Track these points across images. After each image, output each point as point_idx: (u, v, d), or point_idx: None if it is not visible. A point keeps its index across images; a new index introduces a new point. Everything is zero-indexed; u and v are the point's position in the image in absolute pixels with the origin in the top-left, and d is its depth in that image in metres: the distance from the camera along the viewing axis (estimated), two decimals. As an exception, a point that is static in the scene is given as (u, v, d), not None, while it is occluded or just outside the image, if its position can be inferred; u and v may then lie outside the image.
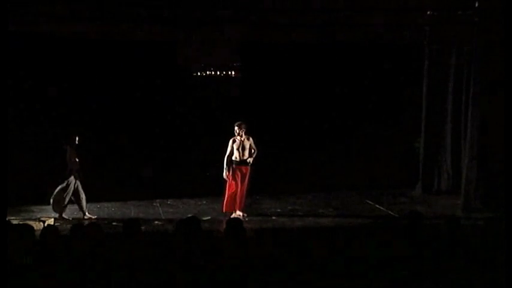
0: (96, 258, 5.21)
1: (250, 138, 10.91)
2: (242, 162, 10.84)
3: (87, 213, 10.93)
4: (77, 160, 10.77)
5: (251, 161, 10.84)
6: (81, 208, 10.88)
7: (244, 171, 10.89)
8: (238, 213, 10.80)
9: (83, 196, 10.83)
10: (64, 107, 12.94)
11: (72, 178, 10.74)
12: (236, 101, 14.26)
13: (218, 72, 15.19)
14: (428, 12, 12.31)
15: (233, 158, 10.85)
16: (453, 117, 12.87)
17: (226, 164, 10.84)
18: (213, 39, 13.56)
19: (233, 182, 10.88)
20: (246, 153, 10.84)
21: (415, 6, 12.06)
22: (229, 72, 15.25)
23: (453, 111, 12.87)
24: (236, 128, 10.83)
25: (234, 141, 10.85)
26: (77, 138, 10.76)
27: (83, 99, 13.04)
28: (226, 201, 10.95)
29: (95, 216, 10.89)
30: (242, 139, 10.83)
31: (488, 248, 5.60)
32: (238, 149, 10.82)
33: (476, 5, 11.43)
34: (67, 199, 10.79)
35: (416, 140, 13.62)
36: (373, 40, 13.51)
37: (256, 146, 10.94)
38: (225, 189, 10.96)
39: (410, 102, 13.75)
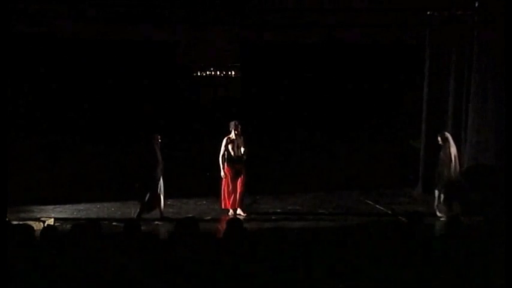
0: (95, 259, 5.22)
1: (242, 137, 11.04)
2: (238, 159, 10.96)
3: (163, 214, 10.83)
4: (161, 159, 10.75)
5: (245, 158, 10.95)
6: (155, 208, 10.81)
7: (240, 168, 11.00)
8: (239, 212, 10.92)
9: (161, 196, 10.81)
10: (64, 107, 12.94)
11: (158, 177, 10.72)
12: (236, 101, 14.26)
13: (218, 72, 15.20)
14: (428, 12, 12.31)
15: (228, 156, 10.97)
16: (453, 117, 12.86)
17: (222, 163, 10.95)
18: (213, 39, 13.59)
19: (230, 180, 11.00)
20: (241, 151, 10.98)
21: (415, 6, 12.06)
22: (229, 72, 15.26)
23: (453, 111, 12.86)
24: (233, 126, 10.94)
25: (228, 140, 10.97)
26: (159, 138, 10.73)
27: (83, 99, 13.03)
28: (224, 198, 11.13)
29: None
30: (236, 137, 10.96)
31: (487, 247, 5.59)
32: (233, 148, 10.94)
33: (476, 5, 11.43)
34: (161, 197, 10.77)
35: (414, 139, 13.60)
36: (373, 40, 13.54)
37: (254, 145, 11.06)
38: (221, 187, 11.08)
39: (411, 102, 13.74)
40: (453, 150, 10.73)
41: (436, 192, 10.91)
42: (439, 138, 10.88)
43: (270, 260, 5.31)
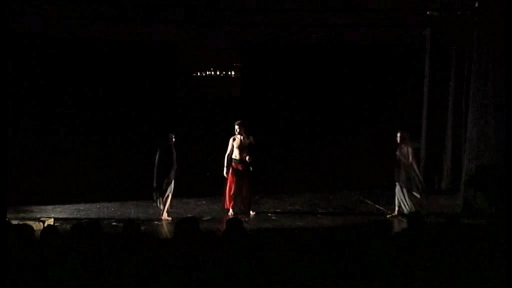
0: (96, 258, 5.21)
1: (251, 137, 11.02)
2: (242, 160, 10.96)
3: (164, 214, 10.81)
4: (174, 158, 10.73)
5: (249, 159, 10.93)
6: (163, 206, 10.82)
7: (244, 169, 10.99)
8: (251, 213, 11.11)
9: (169, 197, 10.80)
10: (64, 108, 12.93)
11: (171, 179, 10.71)
12: (236, 101, 14.25)
13: (218, 72, 15.20)
14: (428, 12, 12.31)
15: (233, 156, 10.97)
16: (453, 117, 12.87)
17: (227, 163, 10.96)
18: (213, 40, 13.59)
19: (233, 181, 11.00)
20: (246, 151, 10.94)
21: (415, 6, 12.06)
22: (229, 72, 15.26)
23: (453, 111, 12.86)
24: (236, 127, 10.95)
25: (234, 140, 10.96)
26: (173, 137, 10.73)
27: (83, 99, 13.03)
28: (227, 199, 11.15)
29: (171, 218, 10.75)
30: (242, 138, 10.94)
31: (488, 248, 5.59)
32: (238, 148, 10.94)
33: (476, 5, 11.43)
34: (169, 198, 10.77)
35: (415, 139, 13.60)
36: (373, 40, 13.53)
37: (254, 145, 11.06)
38: (225, 188, 11.08)
39: (411, 103, 13.74)
40: (410, 149, 10.88)
41: (398, 187, 11.00)
42: (399, 135, 10.98)
43: (270, 260, 5.31)
